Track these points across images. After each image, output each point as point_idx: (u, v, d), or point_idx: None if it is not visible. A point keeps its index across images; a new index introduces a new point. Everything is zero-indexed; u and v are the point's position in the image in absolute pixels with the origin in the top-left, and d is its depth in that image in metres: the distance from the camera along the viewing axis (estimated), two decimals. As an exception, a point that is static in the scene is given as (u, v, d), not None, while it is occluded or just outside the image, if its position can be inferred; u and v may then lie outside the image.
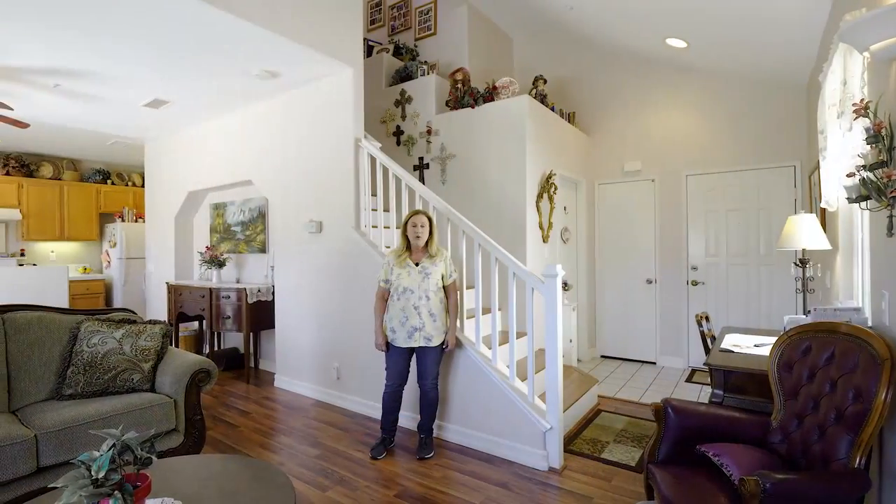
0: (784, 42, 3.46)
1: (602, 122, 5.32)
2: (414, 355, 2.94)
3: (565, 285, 4.79)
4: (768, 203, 4.48)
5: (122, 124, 5.10)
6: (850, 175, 1.73)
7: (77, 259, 7.20)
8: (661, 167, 5.00)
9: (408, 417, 3.26)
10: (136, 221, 7.05)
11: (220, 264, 4.91)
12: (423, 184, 4.50)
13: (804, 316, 2.63)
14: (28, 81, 3.76)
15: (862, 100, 1.72)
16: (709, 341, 3.13)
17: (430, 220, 2.90)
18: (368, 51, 5.28)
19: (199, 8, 2.70)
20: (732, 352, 2.45)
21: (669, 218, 4.98)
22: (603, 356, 5.40)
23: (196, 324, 5.46)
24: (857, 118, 1.69)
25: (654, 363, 5.07)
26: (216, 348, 5.28)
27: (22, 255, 6.59)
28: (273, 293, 4.54)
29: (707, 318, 3.25)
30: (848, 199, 1.78)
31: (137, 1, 2.61)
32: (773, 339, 2.56)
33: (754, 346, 2.55)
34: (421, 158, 4.72)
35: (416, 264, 2.87)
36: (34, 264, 6.51)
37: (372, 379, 3.52)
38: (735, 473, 1.59)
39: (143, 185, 7.32)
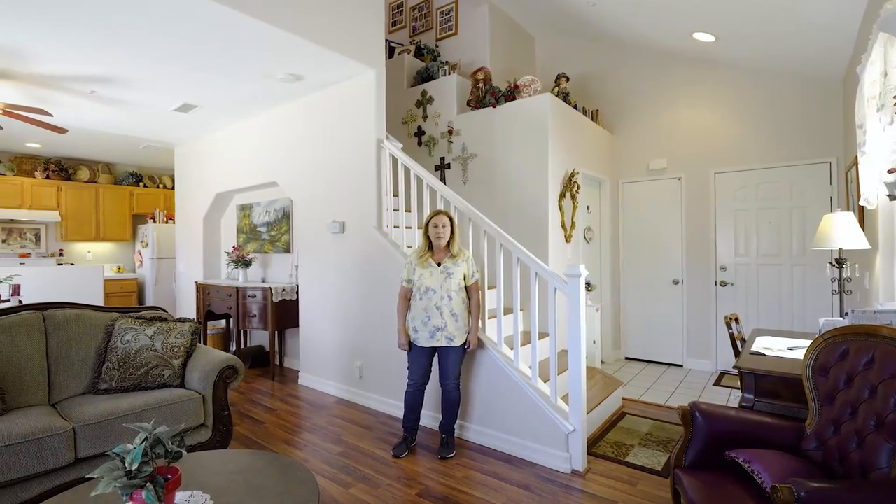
0: (819, 33, 3.33)
1: (626, 119, 5.22)
2: (436, 355, 2.94)
3: (588, 286, 4.73)
4: (802, 201, 4.32)
5: (154, 128, 5.28)
6: (891, 171, 1.66)
7: (112, 259, 7.48)
8: (688, 165, 4.87)
9: (430, 417, 3.27)
10: (166, 222, 7.28)
11: (247, 264, 5.02)
12: (445, 184, 4.50)
13: (841, 318, 2.53)
14: (66, 88, 3.92)
15: (904, 92, 1.64)
16: (738, 344, 3.03)
17: (451, 220, 2.90)
18: (390, 52, 5.32)
19: (225, 13, 2.76)
20: (764, 355, 2.37)
21: (697, 217, 4.86)
22: (627, 358, 5.30)
23: (223, 322, 5.60)
24: (898, 111, 1.62)
25: (681, 366, 4.95)
26: (242, 346, 5.40)
27: (61, 255, 6.89)
28: (297, 292, 4.62)
29: (737, 320, 3.15)
30: (889, 195, 1.70)
31: (166, 8, 2.70)
32: (807, 343, 2.47)
33: (787, 349, 2.46)
34: (442, 158, 4.73)
35: (439, 264, 2.87)
36: (72, 264, 6.80)
37: (394, 378, 3.55)
38: (767, 481, 1.54)
39: (173, 187, 7.56)
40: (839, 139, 4.08)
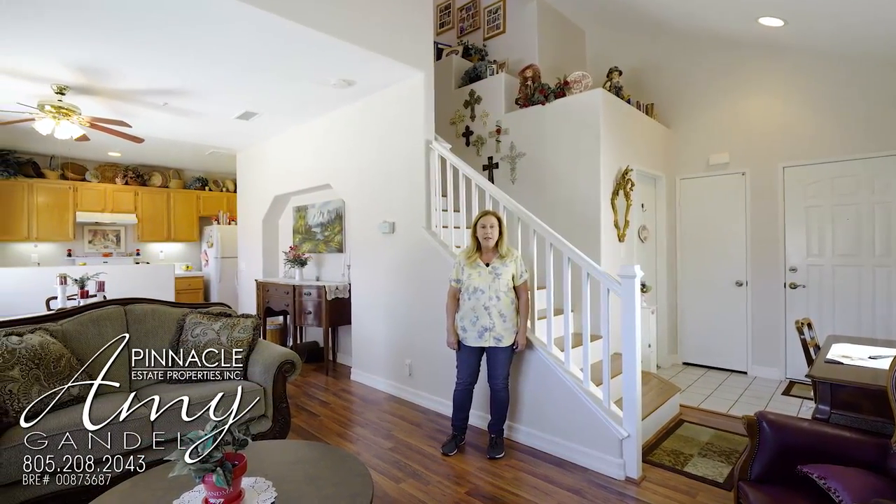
0: (907, 11, 3.03)
1: (683, 112, 4.98)
2: (485, 355, 2.94)
3: (643, 287, 4.55)
4: (885, 196, 3.94)
5: (218, 136, 5.64)
6: None
7: (181, 258, 8.05)
8: (753, 159, 4.57)
9: (478, 416, 3.28)
10: (229, 224, 7.74)
11: (302, 263, 5.24)
12: (493, 183, 4.48)
13: (934, 325, 2.29)
14: (142, 101, 4.27)
15: None
16: (811, 351, 2.82)
17: (499, 220, 2.89)
18: (438, 54, 5.36)
19: (283, 24, 2.89)
20: (841, 363, 2.19)
21: (763, 215, 4.55)
22: (685, 363, 5.06)
23: (281, 318, 5.88)
24: None
25: (745, 373, 4.66)
26: (298, 342, 5.64)
27: (137, 254, 7.50)
28: (349, 291, 4.77)
29: (809, 325, 2.93)
30: None
31: (233, 23, 2.87)
32: (892, 351, 2.26)
33: (869, 357, 2.26)
34: (490, 158, 4.72)
35: (487, 265, 2.87)
36: (147, 263, 7.38)
37: (443, 376, 3.58)
38: (846, 500, 1.42)
39: (235, 191, 8.02)
40: (931, 127, 3.69)
